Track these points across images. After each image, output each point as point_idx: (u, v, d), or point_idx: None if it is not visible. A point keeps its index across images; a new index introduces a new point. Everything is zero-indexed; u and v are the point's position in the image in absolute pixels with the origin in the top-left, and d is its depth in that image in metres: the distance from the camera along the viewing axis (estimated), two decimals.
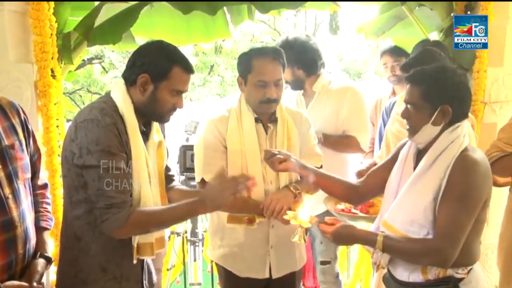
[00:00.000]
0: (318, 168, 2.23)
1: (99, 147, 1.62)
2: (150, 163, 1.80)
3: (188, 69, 1.76)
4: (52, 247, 2.57)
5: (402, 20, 3.44)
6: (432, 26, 3.34)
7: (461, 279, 1.71)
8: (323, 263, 2.90)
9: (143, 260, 1.87)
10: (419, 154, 1.82)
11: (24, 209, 1.69)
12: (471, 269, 1.74)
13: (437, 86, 1.72)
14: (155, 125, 1.88)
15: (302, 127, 2.28)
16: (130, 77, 1.75)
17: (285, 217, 1.96)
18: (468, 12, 3.13)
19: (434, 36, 3.37)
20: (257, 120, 2.19)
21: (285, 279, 2.25)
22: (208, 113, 2.27)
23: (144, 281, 1.89)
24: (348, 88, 2.87)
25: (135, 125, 1.72)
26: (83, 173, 1.65)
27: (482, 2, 3.02)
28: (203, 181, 2.17)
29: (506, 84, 3.14)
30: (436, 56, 2.39)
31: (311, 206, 2.03)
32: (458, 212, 1.64)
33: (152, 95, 1.73)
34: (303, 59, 2.84)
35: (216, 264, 2.34)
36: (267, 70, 2.09)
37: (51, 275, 2.55)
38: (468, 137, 1.76)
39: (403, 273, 1.79)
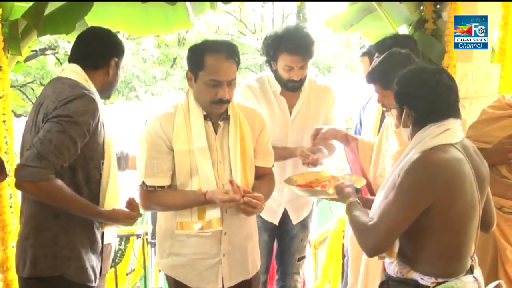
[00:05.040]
0: (269, 167, 2.20)
1: (82, 118, 1.79)
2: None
3: None
4: None
5: (371, 13, 3.39)
6: (401, 20, 3.31)
7: (427, 287, 1.63)
8: (300, 259, 2.82)
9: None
10: None
11: None
12: (445, 281, 1.64)
13: (398, 88, 1.73)
14: None
15: (256, 126, 2.14)
16: (96, 62, 1.95)
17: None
18: (438, 6, 3.13)
19: (404, 29, 3.32)
20: (206, 117, 2.03)
21: (238, 287, 2.13)
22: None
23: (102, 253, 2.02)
24: (327, 89, 2.67)
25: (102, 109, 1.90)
26: (46, 124, 1.76)
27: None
28: (144, 184, 2.00)
29: (475, 80, 3.11)
30: (400, 60, 2.12)
31: None
32: (390, 203, 1.62)
33: (115, 73, 2.01)
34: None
35: (165, 274, 2.19)
36: (221, 69, 1.93)
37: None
38: (450, 135, 1.65)
39: (387, 261, 1.78)
